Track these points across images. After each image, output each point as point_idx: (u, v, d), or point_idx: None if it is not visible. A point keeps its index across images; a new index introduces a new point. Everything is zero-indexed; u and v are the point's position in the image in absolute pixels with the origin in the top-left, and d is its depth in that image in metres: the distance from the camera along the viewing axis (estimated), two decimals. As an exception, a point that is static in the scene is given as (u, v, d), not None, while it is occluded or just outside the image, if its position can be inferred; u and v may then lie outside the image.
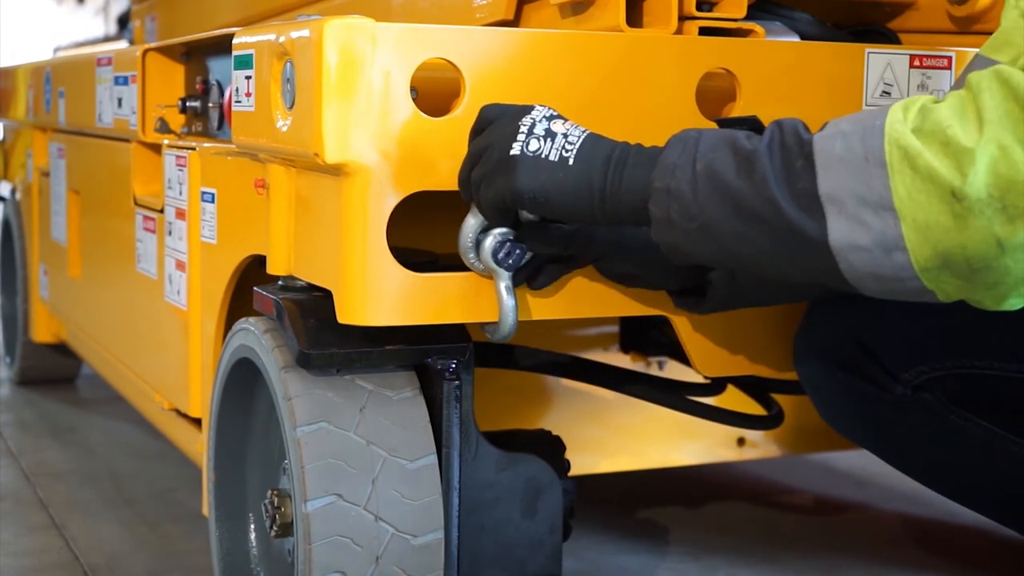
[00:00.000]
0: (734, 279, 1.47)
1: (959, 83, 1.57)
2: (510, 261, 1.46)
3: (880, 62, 1.69)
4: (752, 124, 1.52)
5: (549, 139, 1.34)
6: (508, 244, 1.46)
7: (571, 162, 1.33)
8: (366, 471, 1.53)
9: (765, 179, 1.22)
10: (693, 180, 1.26)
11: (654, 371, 2.47)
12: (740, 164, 1.24)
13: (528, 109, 1.38)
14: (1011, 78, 1.16)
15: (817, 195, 1.20)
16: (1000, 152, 1.13)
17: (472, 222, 1.47)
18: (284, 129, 1.52)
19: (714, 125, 1.59)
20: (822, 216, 1.20)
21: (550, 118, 1.37)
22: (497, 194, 1.38)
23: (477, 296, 1.52)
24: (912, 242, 1.17)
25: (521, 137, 1.35)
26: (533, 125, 1.35)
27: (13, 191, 3.67)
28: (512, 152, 1.35)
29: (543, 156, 1.34)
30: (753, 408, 2.18)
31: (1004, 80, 1.16)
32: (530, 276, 1.51)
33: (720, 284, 1.48)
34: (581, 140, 1.35)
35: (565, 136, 1.34)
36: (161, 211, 2.19)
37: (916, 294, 1.22)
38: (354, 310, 1.48)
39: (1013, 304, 1.20)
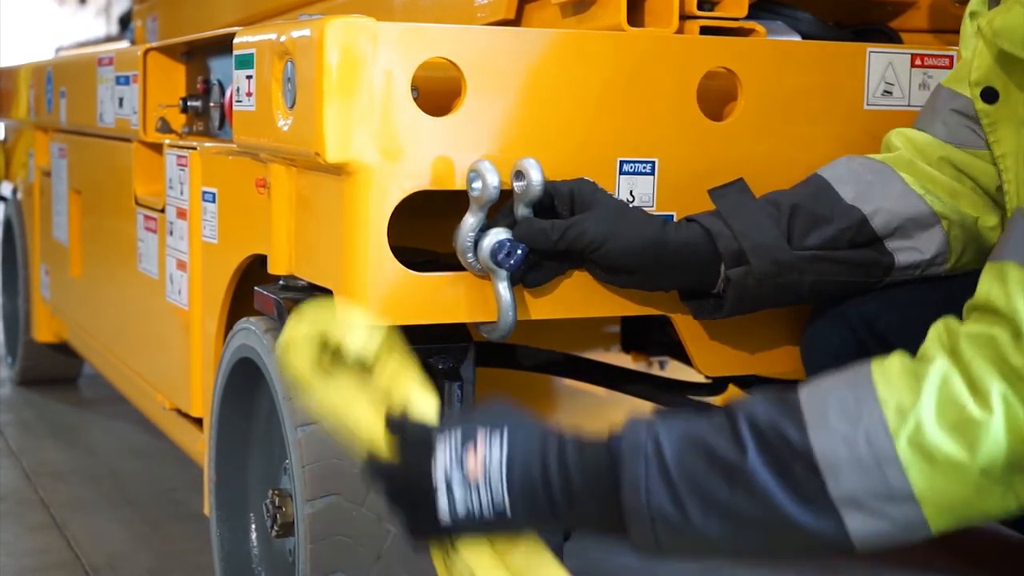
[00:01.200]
0: (750, 275, 1.47)
1: (924, 118, 1.58)
2: (511, 261, 1.45)
3: (881, 61, 1.69)
4: (739, 187, 1.52)
5: (473, 493, 1.20)
6: (508, 244, 1.45)
7: (509, 514, 1.21)
8: (367, 471, 1.53)
9: (766, 492, 1.17)
10: (675, 498, 1.18)
11: (655, 371, 2.47)
12: (730, 478, 1.18)
13: (430, 448, 1.21)
14: (995, 341, 1.16)
15: (829, 499, 1.17)
16: (1013, 420, 1.13)
17: (471, 221, 1.46)
18: (285, 128, 1.52)
19: (715, 125, 1.60)
20: (838, 517, 1.17)
21: (460, 459, 1.20)
22: (434, 540, 1.26)
23: (478, 296, 1.51)
24: (933, 519, 1.18)
25: (443, 500, 1.21)
26: (449, 483, 1.20)
27: (15, 191, 3.67)
28: (443, 522, 1.21)
29: (477, 516, 1.21)
30: (754, 408, 2.17)
31: (987, 343, 1.16)
32: (524, 273, 1.51)
33: (739, 284, 1.47)
34: (506, 482, 1.20)
35: (488, 485, 1.20)
36: (162, 211, 2.19)
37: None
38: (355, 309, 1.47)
39: None
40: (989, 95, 1.43)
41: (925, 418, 1.14)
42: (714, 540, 1.20)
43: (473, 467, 1.20)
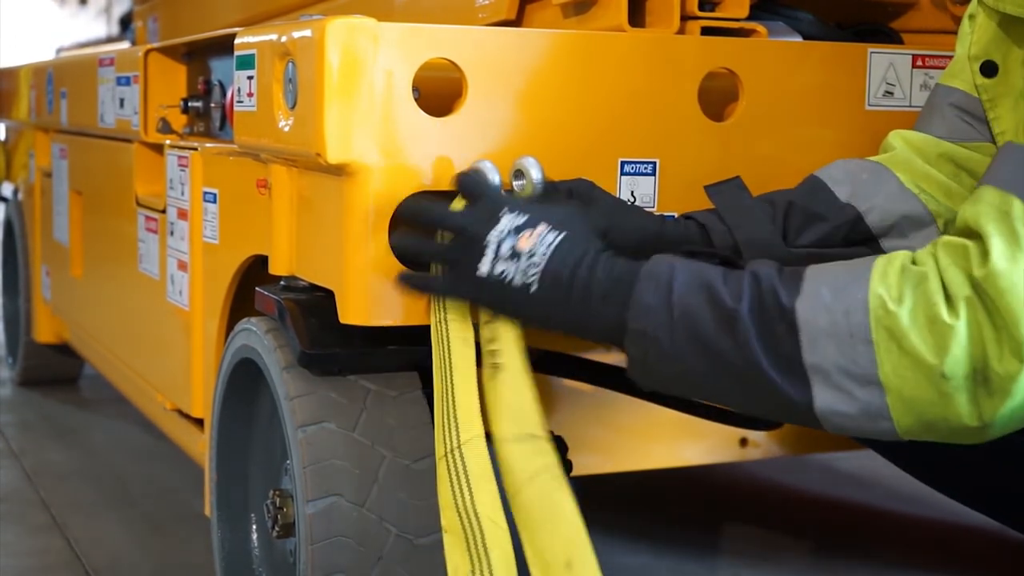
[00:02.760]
0: None
1: (923, 118, 1.59)
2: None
3: (882, 62, 1.69)
4: (736, 184, 1.52)
5: (514, 261, 1.33)
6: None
7: (533, 290, 1.32)
8: (368, 471, 1.53)
9: (747, 341, 1.24)
10: (670, 327, 1.27)
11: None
12: (720, 319, 1.25)
13: (497, 216, 1.36)
14: (966, 251, 1.20)
15: (802, 363, 1.22)
16: (976, 329, 1.17)
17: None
18: (286, 129, 1.52)
19: (716, 126, 1.60)
20: (807, 384, 1.23)
21: (518, 231, 1.34)
22: (459, 296, 1.40)
23: (479, 296, 1.51)
24: (897, 412, 1.21)
25: (489, 255, 1.35)
26: (500, 244, 1.34)
27: (15, 191, 3.67)
28: (479, 272, 1.35)
29: (507, 280, 1.34)
30: (756, 408, 2.17)
31: (961, 252, 1.20)
32: None
33: None
34: (544, 262, 1.32)
35: (530, 257, 1.33)
36: (163, 211, 2.19)
37: (890, 439, 1.27)
38: (356, 310, 1.47)
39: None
40: (988, 69, 1.44)
41: (902, 310, 1.19)
42: (696, 377, 1.28)
43: (525, 242, 1.34)
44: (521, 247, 1.34)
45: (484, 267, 1.35)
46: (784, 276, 1.26)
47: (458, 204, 1.43)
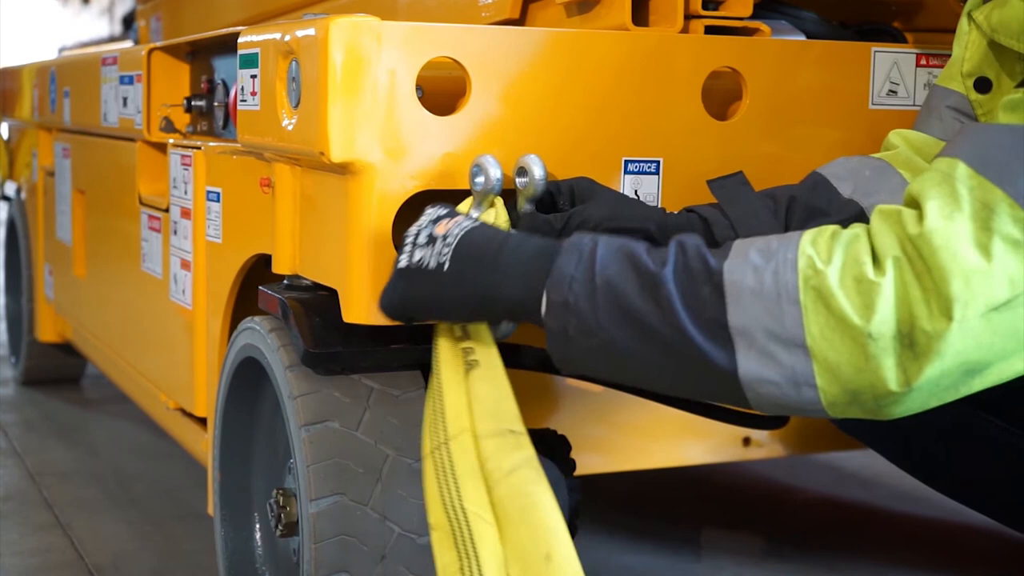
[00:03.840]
0: None
1: (921, 119, 1.59)
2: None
3: (886, 61, 1.69)
4: (738, 179, 1.53)
5: (430, 246, 1.33)
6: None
7: (447, 267, 1.31)
8: (371, 470, 1.53)
9: (671, 304, 1.21)
10: (592, 296, 1.24)
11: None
12: (644, 284, 1.22)
13: (422, 215, 1.37)
14: (900, 215, 1.19)
15: (727, 326, 1.20)
16: (903, 289, 1.15)
17: (473, 216, 1.46)
18: (289, 128, 1.52)
19: (720, 125, 1.60)
20: (731, 348, 1.20)
21: (435, 220, 1.35)
22: (390, 305, 1.39)
23: (482, 295, 1.51)
24: (823, 379, 1.19)
25: (407, 248, 1.35)
26: (418, 233, 1.35)
27: (18, 191, 3.67)
28: (400, 265, 1.36)
29: (424, 266, 1.33)
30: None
31: (895, 217, 1.19)
32: None
33: None
34: (456, 241, 1.32)
35: (444, 239, 1.32)
36: (166, 210, 2.19)
37: (814, 415, 1.25)
38: (359, 309, 1.47)
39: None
40: (982, 85, 1.44)
41: (830, 269, 1.18)
42: (618, 349, 1.24)
43: (441, 228, 1.34)
44: (437, 232, 1.34)
45: (403, 260, 1.36)
46: (710, 247, 1.25)
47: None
